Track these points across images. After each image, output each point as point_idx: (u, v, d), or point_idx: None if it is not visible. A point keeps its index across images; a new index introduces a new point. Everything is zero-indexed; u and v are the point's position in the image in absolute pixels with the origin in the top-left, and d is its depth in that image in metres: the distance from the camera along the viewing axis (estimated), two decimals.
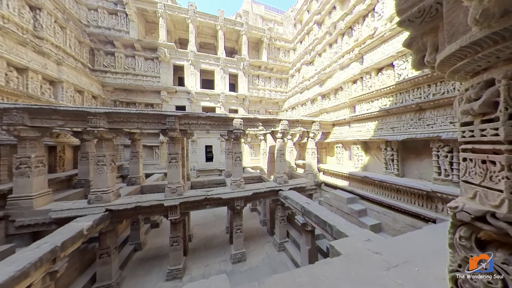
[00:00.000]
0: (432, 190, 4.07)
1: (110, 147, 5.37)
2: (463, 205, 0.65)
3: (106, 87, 10.61)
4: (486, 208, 0.60)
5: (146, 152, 11.73)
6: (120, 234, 7.34)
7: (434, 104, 4.41)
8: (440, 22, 0.73)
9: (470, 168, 0.68)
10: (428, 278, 2.33)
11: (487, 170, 0.62)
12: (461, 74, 0.71)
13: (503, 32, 0.52)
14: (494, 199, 0.59)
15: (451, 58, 0.67)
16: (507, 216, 0.55)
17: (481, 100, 0.61)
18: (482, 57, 0.59)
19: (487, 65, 0.62)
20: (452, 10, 0.65)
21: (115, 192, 5.43)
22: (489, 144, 0.61)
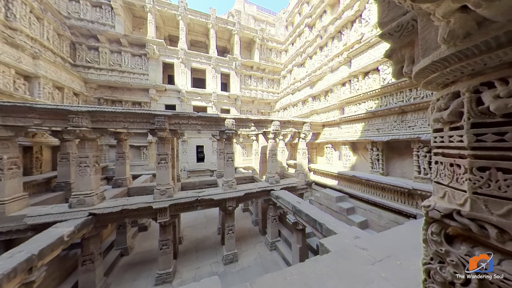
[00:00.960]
0: (413, 188, 4.35)
1: (93, 148, 5.11)
2: (435, 204, 0.72)
3: (89, 84, 10.04)
4: (453, 206, 0.67)
5: (133, 153, 11.29)
6: (105, 239, 7.00)
7: (415, 107, 4.72)
8: (415, 37, 0.80)
9: (440, 170, 0.76)
10: (409, 270, 2.51)
11: (454, 173, 0.69)
12: (433, 85, 0.79)
13: (466, 51, 0.59)
14: (459, 199, 0.66)
15: (424, 70, 0.74)
16: (470, 213, 0.62)
17: (449, 110, 0.68)
18: (450, 71, 0.67)
19: (454, 79, 0.69)
20: (425, 28, 0.72)
21: (99, 195, 5.18)
22: (455, 149, 0.69)
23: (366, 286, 2.31)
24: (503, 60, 0.54)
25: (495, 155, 0.58)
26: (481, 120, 0.60)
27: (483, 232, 0.60)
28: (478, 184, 0.61)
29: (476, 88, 0.62)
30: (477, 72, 0.61)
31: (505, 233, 0.56)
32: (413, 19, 0.77)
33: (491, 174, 0.58)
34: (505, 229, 0.55)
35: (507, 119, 0.55)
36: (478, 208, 0.61)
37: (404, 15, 0.80)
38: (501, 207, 0.56)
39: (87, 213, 4.63)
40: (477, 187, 0.61)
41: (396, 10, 0.83)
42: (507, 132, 0.55)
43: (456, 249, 0.67)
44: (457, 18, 0.55)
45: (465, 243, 0.66)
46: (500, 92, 0.55)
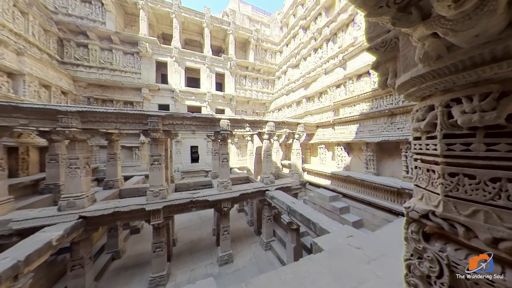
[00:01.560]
0: (402, 187, 4.55)
1: (84, 149, 4.97)
2: (414, 205, 0.80)
3: (78, 82, 9.71)
4: (429, 207, 0.75)
5: (125, 153, 11.04)
6: (96, 242, 6.82)
7: (403, 110, 4.93)
8: (398, 53, 0.88)
9: (419, 174, 0.84)
10: (401, 267, 2.59)
11: (430, 177, 0.77)
12: (413, 97, 0.87)
13: (438, 71, 0.67)
14: (434, 200, 0.74)
15: (405, 84, 0.82)
16: (442, 214, 0.70)
17: (426, 121, 0.76)
18: (426, 87, 0.74)
19: (430, 93, 0.77)
20: (406, 46, 0.80)
21: (90, 197, 5.05)
22: (431, 156, 0.77)
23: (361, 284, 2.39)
24: (468, 80, 0.62)
25: (462, 162, 0.66)
26: (451, 132, 0.69)
27: (453, 230, 0.68)
28: (449, 188, 0.69)
29: (447, 103, 0.70)
30: (448, 89, 0.69)
31: (470, 231, 0.64)
32: (395, 37, 0.85)
33: (459, 179, 0.66)
34: (470, 227, 0.64)
35: (471, 131, 0.63)
36: (449, 209, 0.69)
37: (388, 32, 0.88)
38: (467, 208, 0.64)
39: (77, 216, 4.51)
40: (448, 190, 0.69)
41: (381, 27, 0.90)
42: (472, 143, 0.63)
43: (432, 246, 0.75)
44: (430, 42, 0.62)
45: (439, 240, 0.74)
46: (466, 108, 0.63)
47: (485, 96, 0.59)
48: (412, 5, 0.59)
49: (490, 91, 0.59)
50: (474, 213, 0.62)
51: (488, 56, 0.55)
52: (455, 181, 0.68)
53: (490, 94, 0.58)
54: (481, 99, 0.60)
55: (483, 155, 0.61)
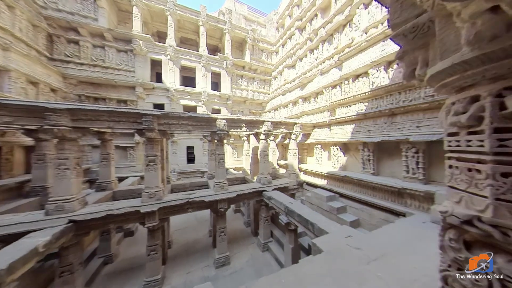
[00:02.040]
0: (402, 187, 4.55)
1: (74, 148, 4.68)
2: (452, 210, 0.71)
3: (68, 80, 9.27)
4: (472, 212, 0.66)
5: (119, 154, 10.64)
6: (87, 246, 6.48)
7: (404, 109, 4.94)
8: (431, 39, 0.79)
9: (455, 175, 0.75)
10: (402, 268, 2.57)
11: (473, 178, 0.68)
12: (448, 89, 0.78)
13: (491, 54, 0.57)
14: (479, 204, 0.65)
15: (441, 73, 0.73)
16: (492, 220, 0.61)
17: (468, 113, 0.67)
18: (470, 75, 0.65)
19: (473, 82, 0.68)
20: (444, 30, 0.70)
21: (80, 199, 4.76)
22: (474, 154, 0.68)
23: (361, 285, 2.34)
24: None
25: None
26: (504, 125, 0.60)
27: (506, 239, 0.59)
28: (501, 190, 0.60)
29: (499, 92, 0.61)
30: (499, 76, 0.60)
31: None
32: (430, 20, 0.76)
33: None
34: None
35: None
36: (501, 214, 0.60)
37: (418, 16, 0.79)
38: None
39: (66, 220, 4.22)
40: (500, 193, 0.60)
41: (410, 10, 0.81)
42: None
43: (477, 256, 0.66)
44: (485, 20, 0.53)
45: (485, 250, 0.65)
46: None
47: None
48: None
49: None
50: None
51: None
52: (509, 182, 0.59)
53: None
54: None
55: None
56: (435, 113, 4.42)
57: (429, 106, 4.44)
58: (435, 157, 4.56)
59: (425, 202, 4.26)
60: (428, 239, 3.17)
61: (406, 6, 0.83)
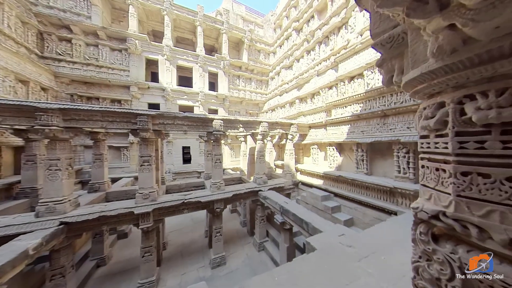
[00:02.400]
0: (394, 187, 4.68)
1: (66, 149, 4.62)
2: (422, 206, 0.77)
3: (60, 78, 9.10)
4: (439, 208, 0.72)
5: (113, 154, 10.51)
6: (79, 249, 6.39)
7: (396, 111, 5.09)
8: (405, 49, 0.85)
9: (427, 174, 0.82)
10: (392, 264, 2.66)
11: (440, 177, 0.75)
12: (420, 95, 0.85)
13: (452, 66, 0.64)
14: (444, 201, 0.72)
15: (413, 81, 0.79)
16: (454, 214, 0.68)
17: (435, 118, 0.74)
18: (436, 83, 0.72)
19: (440, 90, 0.75)
20: (415, 41, 0.77)
21: (72, 201, 4.70)
22: (441, 155, 0.74)
23: (352, 282, 2.42)
24: (483, 76, 0.60)
25: (475, 161, 0.64)
26: (464, 129, 0.66)
27: (465, 231, 0.66)
28: (461, 188, 0.67)
29: (460, 99, 0.68)
30: (460, 85, 0.67)
31: (484, 232, 0.62)
32: (403, 32, 0.82)
33: (473, 179, 0.64)
34: (484, 228, 0.61)
35: (486, 128, 0.61)
36: (461, 209, 0.66)
37: (395, 28, 0.86)
38: (481, 208, 0.62)
39: (57, 222, 4.17)
40: (460, 190, 0.67)
41: (387, 22, 0.88)
42: (486, 140, 0.61)
43: (442, 248, 0.72)
44: (445, 35, 0.59)
45: (450, 242, 0.72)
46: (481, 104, 0.61)
47: (502, 91, 0.58)
48: None
49: (507, 86, 0.57)
50: (489, 214, 0.60)
51: (507, 50, 0.53)
52: (468, 180, 0.66)
53: (508, 90, 0.57)
54: (497, 94, 0.58)
55: (499, 153, 0.59)
56: None
57: (418, 107, 4.57)
58: None
59: (415, 200, 4.38)
60: None
61: (384, 18, 0.90)
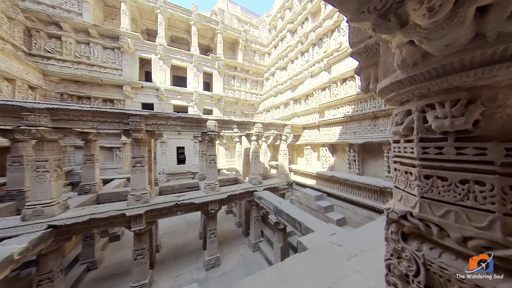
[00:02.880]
0: (384, 186, 4.82)
1: (54, 150, 4.50)
2: (393, 206, 0.83)
3: (49, 77, 8.81)
4: (407, 208, 0.78)
5: (105, 155, 10.29)
6: (68, 253, 6.23)
7: (385, 113, 5.25)
8: (379, 59, 0.91)
9: (398, 176, 0.87)
10: (380, 262, 2.75)
11: (408, 179, 0.80)
12: (392, 102, 0.91)
13: (414, 77, 0.70)
14: (411, 202, 0.77)
15: (385, 89, 0.85)
16: (419, 214, 0.73)
17: (404, 125, 0.79)
18: (404, 92, 0.78)
19: (408, 98, 0.81)
20: (386, 52, 0.82)
21: (61, 203, 4.58)
22: (409, 159, 0.80)
23: (341, 280, 2.49)
24: (441, 87, 0.66)
25: (436, 165, 0.70)
26: (427, 136, 0.72)
27: (428, 230, 0.71)
28: (425, 190, 0.72)
29: (423, 108, 0.73)
30: (423, 95, 0.73)
31: (443, 231, 0.67)
32: (376, 43, 0.88)
33: (433, 181, 0.70)
34: (443, 227, 0.67)
35: (444, 136, 0.67)
36: (425, 210, 0.72)
37: (370, 38, 0.91)
38: (440, 209, 0.68)
39: (45, 226, 4.05)
40: (423, 192, 0.73)
41: (363, 33, 0.93)
42: (444, 146, 0.67)
43: (409, 246, 0.78)
44: (407, 49, 0.64)
45: (416, 240, 0.77)
46: (439, 114, 0.66)
47: (455, 102, 0.63)
48: (391, 12, 0.61)
49: (459, 98, 0.62)
50: (446, 214, 0.66)
51: (457, 65, 0.58)
52: (429, 183, 0.71)
53: (460, 101, 0.62)
54: (451, 105, 0.64)
55: (453, 158, 0.65)
56: None
57: None
58: None
59: None
60: None
61: (360, 28, 0.95)
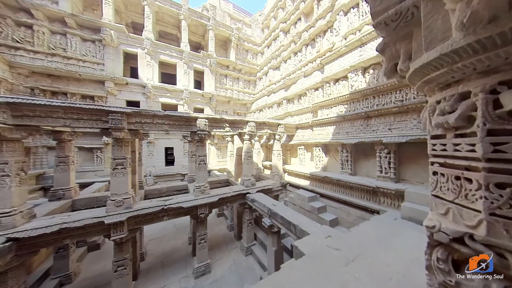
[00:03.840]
0: (377, 186, 4.77)
1: (17, 151, 3.91)
2: (440, 225, 0.61)
3: (16, 69, 7.89)
4: (463, 229, 0.56)
5: (84, 156, 9.49)
6: (37, 267, 5.54)
7: (378, 113, 5.22)
8: (414, 28, 0.69)
9: (441, 183, 0.66)
10: (378, 267, 2.67)
11: (462, 187, 0.59)
12: (431, 86, 0.69)
13: (486, 41, 0.48)
14: (470, 219, 0.56)
15: (426, 67, 0.63)
16: (486, 239, 0.52)
17: (457, 113, 0.58)
18: (460, 67, 0.56)
19: (461, 77, 0.59)
20: (431, 15, 0.61)
21: (25, 212, 3.99)
22: (463, 160, 0.58)
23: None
24: None
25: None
26: (499, 127, 0.51)
27: (502, 262, 0.50)
28: (497, 204, 0.51)
29: (493, 87, 0.52)
30: (493, 68, 0.51)
31: None
32: (414, 6, 0.66)
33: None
34: None
35: None
36: (497, 232, 0.50)
37: (402, 2, 0.69)
38: None
39: (3, 239, 3.48)
40: (495, 207, 0.51)
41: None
42: None
43: (469, 282, 0.56)
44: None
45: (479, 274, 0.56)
46: None
47: None
48: None
49: None
50: None
51: None
52: (506, 195, 0.50)
53: None
54: None
55: None
56: (404, 116, 4.74)
57: (399, 110, 4.75)
58: (404, 157, 4.91)
59: (396, 199, 4.52)
60: (399, 235, 3.45)
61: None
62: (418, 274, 2.44)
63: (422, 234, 3.45)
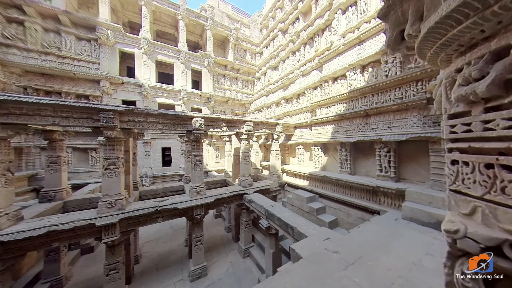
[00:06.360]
0: (377, 186, 4.62)
1: (3, 150, 3.75)
2: (465, 229, 0.46)
3: (9, 67, 7.72)
4: (502, 235, 0.41)
5: (79, 157, 9.31)
6: (26, 271, 5.35)
7: (377, 111, 5.08)
8: None
9: (464, 174, 0.51)
10: (379, 271, 2.52)
11: (496, 178, 0.44)
12: (448, 52, 0.54)
13: None
14: (509, 222, 0.41)
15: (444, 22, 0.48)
16: None
17: (489, 78, 0.43)
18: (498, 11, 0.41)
19: (495, 30, 0.44)
20: None
21: (12, 214, 3.82)
22: (498, 142, 0.43)
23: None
24: None
25: None
26: None
27: None
28: None
29: None
30: None
31: None
32: None
33: None
34: None
35: None
36: None
37: None
38: None
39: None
40: None
41: None
42: None
43: None
44: None
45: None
46: None
47: None
48: None
49: None
50: None
51: None
52: None
53: None
54: None
55: None
56: (404, 114, 4.60)
57: (398, 107, 4.62)
58: (404, 156, 4.77)
59: (396, 199, 4.38)
60: (400, 237, 3.32)
61: None
62: (421, 279, 2.29)
63: (424, 235, 3.30)
